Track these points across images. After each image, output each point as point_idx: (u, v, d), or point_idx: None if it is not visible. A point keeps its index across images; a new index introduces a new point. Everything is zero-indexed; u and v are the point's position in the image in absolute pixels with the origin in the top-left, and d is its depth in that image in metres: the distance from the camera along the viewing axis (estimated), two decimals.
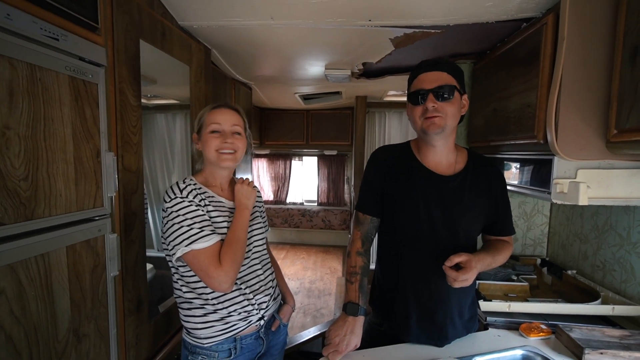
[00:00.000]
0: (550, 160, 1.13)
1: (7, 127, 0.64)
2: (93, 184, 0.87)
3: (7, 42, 0.64)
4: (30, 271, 0.70)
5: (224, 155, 0.95)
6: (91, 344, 0.87)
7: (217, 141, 0.94)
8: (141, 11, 1.07)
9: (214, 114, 0.97)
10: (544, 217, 1.80)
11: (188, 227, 0.85)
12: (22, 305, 0.68)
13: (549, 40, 1.07)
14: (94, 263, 0.88)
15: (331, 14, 1.28)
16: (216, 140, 0.94)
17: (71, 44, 0.78)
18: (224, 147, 0.95)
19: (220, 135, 0.95)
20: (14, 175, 0.66)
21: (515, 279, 1.50)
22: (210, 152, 0.94)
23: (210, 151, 0.94)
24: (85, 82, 0.83)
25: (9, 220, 0.65)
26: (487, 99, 1.54)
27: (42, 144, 0.72)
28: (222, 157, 0.95)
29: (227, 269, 0.85)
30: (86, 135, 0.85)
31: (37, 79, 0.70)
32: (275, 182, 5.45)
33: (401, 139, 3.65)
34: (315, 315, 3.17)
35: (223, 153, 0.95)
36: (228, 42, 1.60)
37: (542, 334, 1.11)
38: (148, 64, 1.13)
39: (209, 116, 0.97)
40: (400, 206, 1.03)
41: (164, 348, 1.22)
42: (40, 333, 0.72)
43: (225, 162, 0.95)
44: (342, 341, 0.95)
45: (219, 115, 0.97)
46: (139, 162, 1.09)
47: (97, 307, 0.89)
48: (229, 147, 0.95)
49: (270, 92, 3.08)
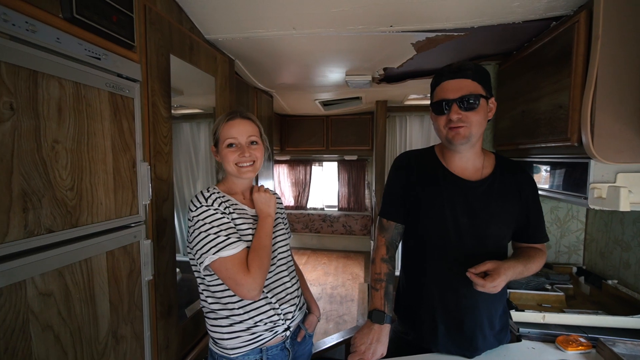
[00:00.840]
0: (586, 164, 1.07)
1: (57, 141, 0.70)
2: (129, 192, 0.92)
3: (57, 63, 0.70)
4: (75, 275, 0.74)
5: (243, 168, 0.97)
6: (128, 345, 0.92)
7: (234, 155, 0.96)
8: (171, 27, 1.13)
9: (228, 127, 0.97)
10: (580, 223, 1.70)
11: (215, 235, 0.86)
12: (68, 307, 0.73)
13: (582, 39, 1.03)
14: (130, 268, 0.93)
15: (352, 21, 1.30)
16: (234, 155, 0.96)
17: (111, 62, 0.83)
18: (242, 161, 0.96)
19: (237, 148, 0.96)
20: (62, 186, 0.71)
21: (549, 289, 1.43)
22: (230, 166, 0.97)
23: (230, 165, 0.96)
24: (122, 97, 0.89)
25: (57, 227, 0.70)
26: (515, 101, 1.50)
27: (85, 156, 0.77)
28: (242, 170, 0.97)
29: (255, 276, 0.86)
30: (124, 147, 0.90)
31: (82, 96, 0.76)
32: (296, 188, 5.50)
33: (423, 142, 3.59)
34: (338, 321, 3.15)
35: (243, 166, 0.97)
36: (251, 52, 1.65)
37: (582, 348, 1.05)
38: (177, 76, 1.18)
39: (224, 130, 0.97)
40: (425, 212, 1.01)
41: (192, 351, 1.25)
42: (84, 334, 0.77)
43: (245, 174, 0.98)
44: (368, 349, 0.94)
45: (234, 128, 0.97)
46: (170, 171, 1.14)
47: (133, 310, 0.93)
48: (247, 160, 0.97)
49: (290, 99, 3.13)
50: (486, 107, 0.95)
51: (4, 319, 0.60)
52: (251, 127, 1.00)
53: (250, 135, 0.99)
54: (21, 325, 0.63)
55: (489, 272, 0.87)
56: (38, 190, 0.66)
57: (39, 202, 0.66)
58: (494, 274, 0.86)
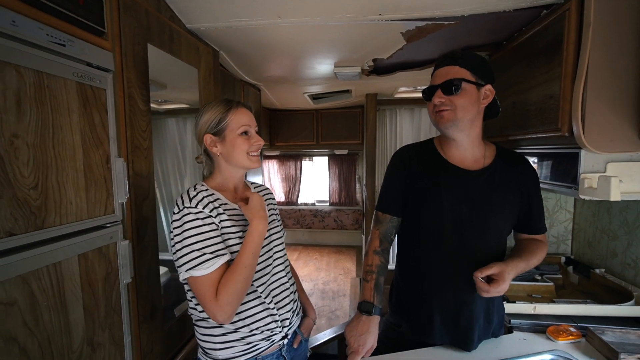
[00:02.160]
0: (577, 154, 1.07)
1: (16, 135, 0.64)
2: (104, 190, 0.86)
3: (13, 49, 0.63)
4: (42, 281, 0.69)
5: (254, 157, 0.93)
6: (106, 352, 0.86)
7: (247, 144, 0.91)
8: (149, 15, 1.06)
9: (241, 114, 0.91)
10: (568, 214, 1.72)
11: (189, 250, 0.80)
12: (35, 316, 0.67)
13: (573, 27, 1.01)
14: (107, 271, 0.87)
15: (340, 9, 1.25)
16: (246, 143, 0.91)
17: (78, 50, 0.77)
18: (254, 150, 0.92)
19: (248, 137, 0.92)
20: (23, 184, 0.65)
21: (539, 279, 1.44)
22: (242, 155, 0.90)
23: (242, 154, 0.90)
24: (93, 88, 0.82)
25: (19, 230, 0.64)
26: (505, 92, 1.48)
27: (51, 152, 0.71)
28: (253, 158, 0.93)
29: (222, 303, 0.78)
30: (95, 142, 0.84)
31: (45, 86, 0.69)
32: (286, 183, 5.45)
33: (413, 136, 3.57)
34: (330, 317, 3.14)
35: (254, 155, 0.93)
36: (236, 43, 1.58)
37: (572, 337, 1.06)
38: (157, 68, 1.12)
39: (237, 117, 0.91)
40: (423, 204, 1.00)
41: (180, 353, 1.21)
42: (55, 344, 0.71)
43: (255, 164, 0.93)
44: (357, 341, 0.93)
45: (246, 116, 0.92)
46: (150, 167, 1.08)
47: (110, 315, 0.88)
48: (258, 149, 0.94)
49: (279, 93, 3.07)
50: (475, 92, 0.94)
51: None
52: (253, 117, 0.97)
53: (256, 125, 0.96)
54: None
55: (493, 276, 0.87)
56: None
57: None
58: (499, 280, 0.86)
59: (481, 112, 0.98)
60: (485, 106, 0.98)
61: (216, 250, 0.82)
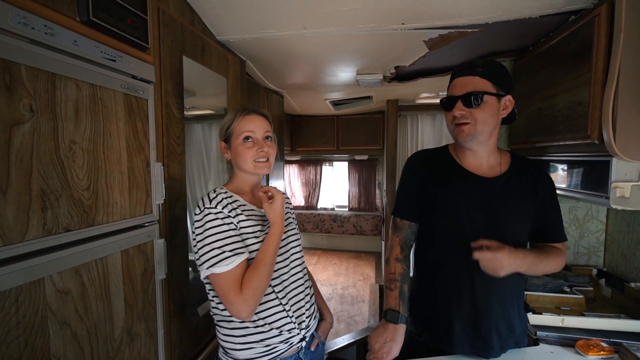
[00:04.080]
0: (608, 162, 1.03)
1: (74, 142, 0.71)
2: (144, 192, 0.93)
3: (74, 65, 0.71)
4: (91, 273, 0.76)
5: (260, 164, 0.94)
6: (142, 342, 0.93)
7: (251, 151, 0.93)
8: (184, 29, 1.14)
9: (245, 121, 0.94)
10: (600, 224, 1.64)
11: (210, 248, 0.83)
12: (84, 305, 0.74)
13: (603, 33, 0.99)
14: (144, 267, 0.94)
15: (363, 20, 1.28)
16: (251, 150, 0.93)
17: (126, 64, 0.85)
18: (259, 156, 0.94)
19: (253, 143, 0.94)
20: (78, 186, 0.73)
21: (568, 291, 1.39)
22: (247, 162, 0.93)
23: (247, 161, 0.93)
24: (137, 99, 0.90)
25: (74, 226, 0.72)
26: (530, 98, 1.45)
27: (101, 157, 0.79)
28: (259, 165, 0.94)
29: (246, 297, 0.80)
30: (138, 148, 0.91)
31: (98, 98, 0.77)
32: (306, 188, 5.50)
33: (435, 142, 3.53)
34: (349, 322, 3.13)
35: (259, 162, 0.94)
36: (261, 53, 1.65)
37: (603, 353, 1.01)
38: (189, 77, 1.19)
39: (240, 124, 0.94)
40: (439, 210, 1.00)
41: (205, 349, 1.26)
42: (100, 331, 0.78)
43: (262, 170, 0.95)
44: (382, 348, 0.93)
45: (251, 123, 0.94)
46: (182, 171, 1.15)
47: (147, 308, 0.95)
48: (263, 155, 0.94)
49: (301, 99, 3.13)
50: (496, 104, 0.93)
51: (24, 315, 0.61)
52: (266, 123, 0.98)
53: (267, 131, 0.97)
54: (40, 322, 0.64)
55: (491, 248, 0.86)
56: (56, 189, 0.67)
57: (57, 201, 0.68)
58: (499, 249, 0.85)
59: (499, 122, 0.97)
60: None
61: (235, 249, 0.84)
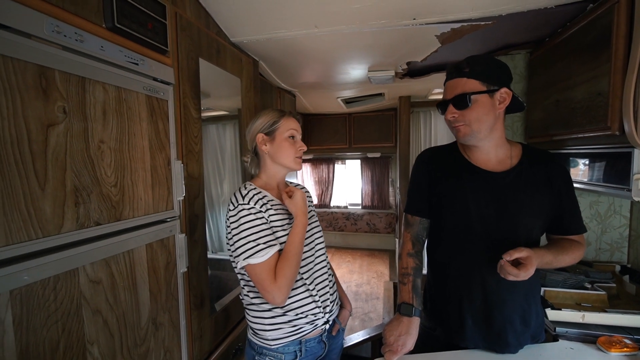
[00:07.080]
0: (629, 154, 1.01)
1: (102, 141, 0.76)
2: (165, 189, 0.98)
3: (102, 69, 0.76)
4: (119, 265, 0.81)
5: (299, 160, 1.04)
6: (166, 332, 0.98)
7: (294, 148, 1.02)
8: (200, 32, 1.19)
9: (292, 121, 1.04)
10: (623, 219, 1.59)
11: (246, 240, 0.90)
12: (114, 294, 0.79)
13: (623, 21, 0.97)
14: (167, 260, 0.99)
15: (374, 16, 1.29)
16: (293, 147, 1.02)
17: (147, 67, 0.89)
18: (300, 154, 1.04)
19: (295, 142, 1.03)
20: (107, 182, 0.77)
21: (589, 287, 1.36)
22: (289, 157, 1.01)
23: (289, 156, 1.01)
24: (158, 100, 0.95)
25: (104, 220, 0.76)
26: (548, 90, 1.43)
27: (126, 155, 0.83)
28: (298, 160, 1.03)
29: (280, 285, 0.88)
30: (159, 146, 0.96)
31: (123, 99, 0.82)
32: (319, 186, 5.54)
33: (448, 137, 3.49)
34: (363, 319, 3.14)
35: (298, 158, 1.04)
36: (274, 53, 1.68)
37: (627, 350, 0.99)
38: (204, 79, 1.24)
39: (288, 122, 1.03)
40: (449, 206, 1.01)
41: (224, 342, 1.31)
42: (128, 319, 0.83)
43: (299, 166, 1.05)
44: (397, 341, 0.94)
45: (295, 123, 1.05)
46: (200, 169, 1.19)
47: (170, 299, 0.99)
48: (301, 154, 1.05)
49: (313, 98, 3.16)
50: (488, 101, 0.92)
51: (62, 302, 0.66)
52: (299, 126, 1.08)
53: (301, 133, 1.07)
54: (75, 309, 0.69)
55: (521, 260, 0.86)
56: (87, 186, 0.72)
57: (88, 197, 0.72)
58: (527, 264, 0.84)
59: (500, 115, 0.95)
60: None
61: (268, 241, 0.91)
